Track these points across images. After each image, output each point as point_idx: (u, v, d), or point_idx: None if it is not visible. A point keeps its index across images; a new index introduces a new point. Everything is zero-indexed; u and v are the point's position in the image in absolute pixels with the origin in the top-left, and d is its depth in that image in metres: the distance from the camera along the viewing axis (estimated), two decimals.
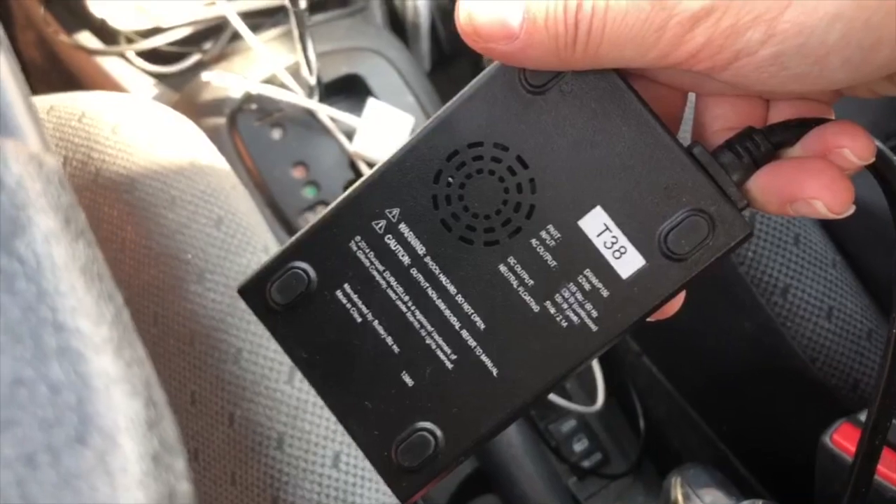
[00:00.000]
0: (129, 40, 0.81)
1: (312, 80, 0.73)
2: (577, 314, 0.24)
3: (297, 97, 0.74)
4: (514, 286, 0.25)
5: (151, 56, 0.81)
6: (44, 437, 0.14)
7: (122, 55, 0.80)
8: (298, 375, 0.50)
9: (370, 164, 0.75)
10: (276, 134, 0.75)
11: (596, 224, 0.24)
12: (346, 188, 0.74)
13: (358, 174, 0.75)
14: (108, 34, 0.80)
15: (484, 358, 0.25)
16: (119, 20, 0.78)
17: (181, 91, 0.80)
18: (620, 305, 0.24)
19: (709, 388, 0.69)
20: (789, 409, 0.58)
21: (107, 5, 0.76)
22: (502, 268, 0.25)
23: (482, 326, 0.25)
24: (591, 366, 0.76)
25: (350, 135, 0.74)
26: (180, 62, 0.82)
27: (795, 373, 0.54)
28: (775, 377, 0.58)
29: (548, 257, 0.25)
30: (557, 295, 0.25)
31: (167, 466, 0.15)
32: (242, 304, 0.51)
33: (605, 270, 0.24)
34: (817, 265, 0.54)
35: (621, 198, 0.24)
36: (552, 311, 0.25)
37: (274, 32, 0.80)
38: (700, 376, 0.70)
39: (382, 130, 0.73)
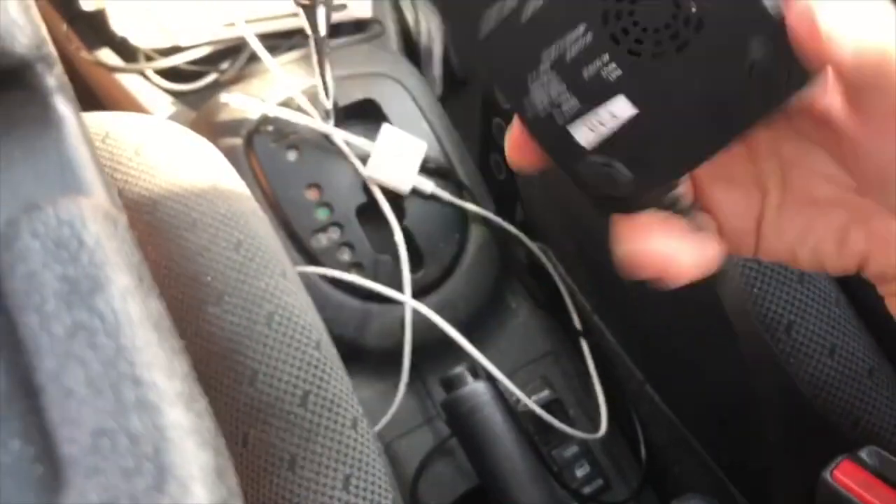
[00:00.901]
0: (149, 58, 0.82)
1: (329, 105, 0.75)
2: None
3: (313, 121, 0.75)
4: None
5: (170, 74, 0.83)
6: (125, 485, 0.15)
7: (141, 73, 0.82)
8: (312, 399, 0.51)
9: (383, 189, 0.76)
10: (292, 156, 0.76)
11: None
12: (358, 211, 0.76)
13: (371, 198, 0.76)
14: (127, 52, 0.82)
15: None
16: (139, 38, 0.79)
17: (198, 110, 0.81)
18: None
19: (710, 417, 0.70)
20: (790, 444, 0.59)
21: (128, 24, 0.77)
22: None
23: None
24: (595, 393, 0.77)
25: (364, 159, 0.75)
26: (198, 81, 0.84)
27: (797, 408, 0.56)
28: (777, 411, 0.59)
29: None
30: None
31: None
32: (259, 327, 0.52)
33: None
34: (821, 303, 0.55)
35: None
36: None
37: (291, 55, 0.82)
38: (702, 406, 0.71)
39: (396, 156, 0.75)
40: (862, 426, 0.54)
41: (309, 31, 0.68)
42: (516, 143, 0.28)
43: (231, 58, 0.83)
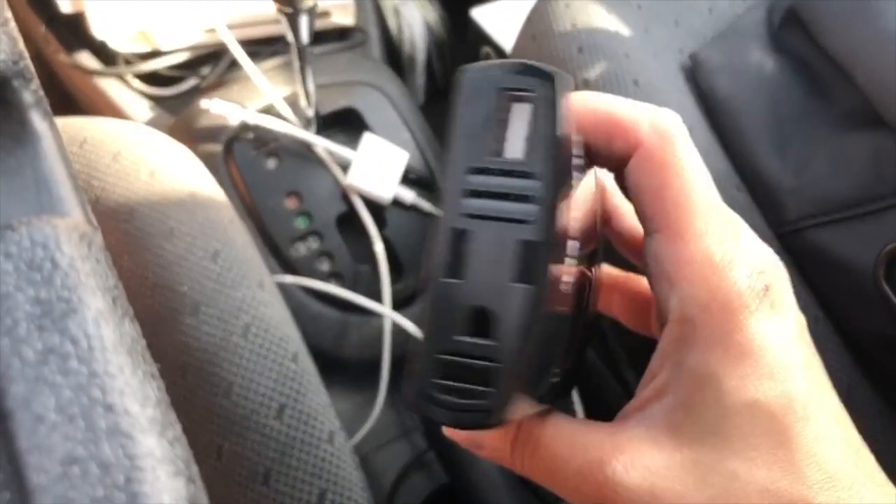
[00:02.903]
0: (128, 62, 0.81)
1: (310, 113, 0.74)
2: None
3: (294, 129, 0.74)
4: None
5: (149, 79, 0.82)
6: None
7: (120, 77, 0.81)
8: (288, 412, 0.51)
9: (364, 198, 0.75)
10: (272, 164, 0.75)
11: None
12: (338, 220, 0.76)
13: (351, 207, 0.76)
14: (107, 55, 0.81)
15: None
16: (119, 42, 0.78)
17: (178, 115, 0.80)
18: None
19: None
20: None
21: (108, 27, 0.77)
22: None
23: None
24: (574, 405, 0.77)
25: (345, 168, 0.75)
26: (177, 86, 0.83)
27: None
28: None
29: None
30: None
31: None
32: (235, 339, 0.52)
33: None
34: None
35: None
36: None
37: (273, 62, 0.81)
38: None
39: (377, 165, 0.74)
40: None
41: (291, 39, 0.68)
42: None
43: (211, 63, 0.83)
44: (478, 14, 0.90)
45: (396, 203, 0.76)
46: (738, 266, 0.25)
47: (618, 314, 0.35)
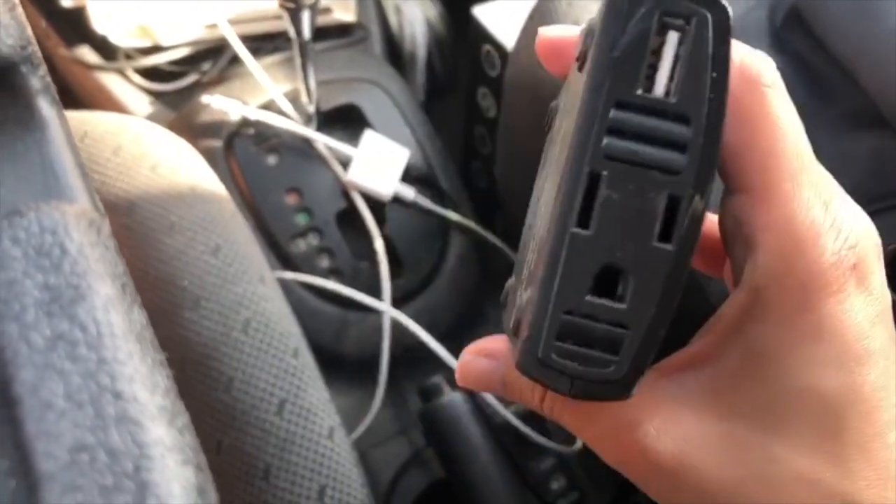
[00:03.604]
0: (129, 57, 0.81)
1: (311, 109, 0.74)
2: None
3: (294, 125, 0.74)
4: None
5: (150, 74, 0.82)
6: (104, 502, 0.15)
7: (120, 72, 0.81)
8: (288, 407, 0.51)
9: (364, 195, 0.75)
10: (272, 159, 0.75)
11: None
12: (338, 217, 0.75)
13: (351, 203, 0.76)
14: (107, 50, 0.80)
15: None
16: (120, 37, 0.78)
17: (178, 110, 0.80)
18: None
19: None
20: None
21: (108, 21, 0.76)
22: None
23: None
24: None
25: (345, 164, 0.75)
26: (178, 81, 0.83)
27: None
28: None
29: None
30: None
31: None
32: (236, 334, 0.52)
33: None
34: None
35: None
36: None
37: (274, 58, 0.81)
38: None
39: (378, 162, 0.74)
40: None
41: (292, 34, 0.67)
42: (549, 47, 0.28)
43: (212, 59, 0.83)
44: (479, 12, 0.90)
45: (397, 200, 0.76)
46: (824, 238, 0.23)
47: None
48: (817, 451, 0.23)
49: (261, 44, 0.82)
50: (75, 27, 0.79)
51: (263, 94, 0.76)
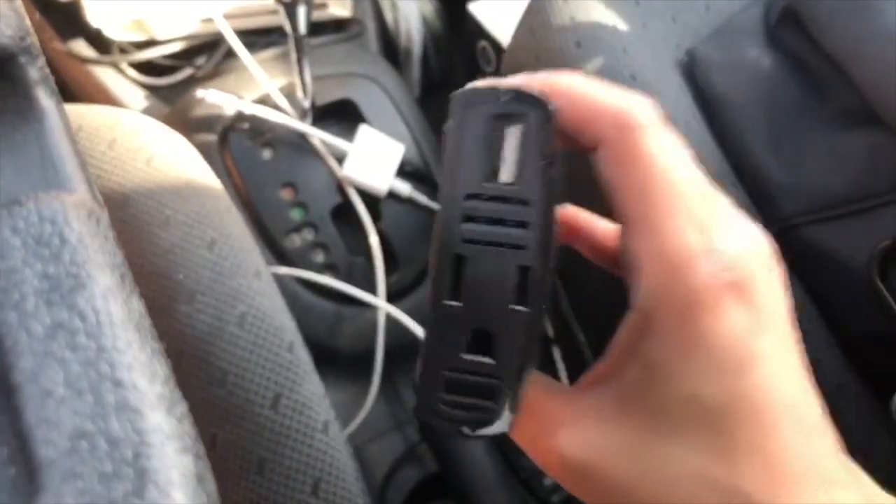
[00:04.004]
0: (123, 51, 0.81)
1: (306, 104, 0.74)
2: None
3: (289, 119, 0.74)
4: None
5: (144, 68, 0.82)
6: (104, 490, 0.15)
7: (115, 66, 0.81)
8: (283, 401, 0.51)
9: (359, 190, 0.75)
10: (267, 154, 0.75)
11: None
12: (333, 212, 0.75)
13: (346, 199, 0.76)
14: (102, 44, 0.80)
15: None
16: (115, 31, 0.78)
17: (173, 105, 0.80)
18: None
19: None
20: None
21: (104, 15, 0.76)
22: None
23: None
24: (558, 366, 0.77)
25: (340, 159, 0.75)
26: (172, 75, 0.83)
27: None
28: None
29: None
30: None
31: None
32: (231, 328, 0.52)
33: None
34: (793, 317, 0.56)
35: None
36: None
37: (269, 53, 0.81)
38: None
39: (373, 157, 0.74)
40: None
41: (288, 29, 0.67)
42: None
43: (207, 53, 0.83)
44: (475, 8, 0.90)
45: (392, 195, 0.76)
46: (697, 261, 0.25)
47: (586, 253, 0.36)
48: (706, 449, 0.25)
49: (256, 38, 0.82)
50: (70, 20, 0.79)
51: (258, 89, 0.76)
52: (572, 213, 0.34)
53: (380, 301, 0.72)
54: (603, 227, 0.34)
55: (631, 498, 0.26)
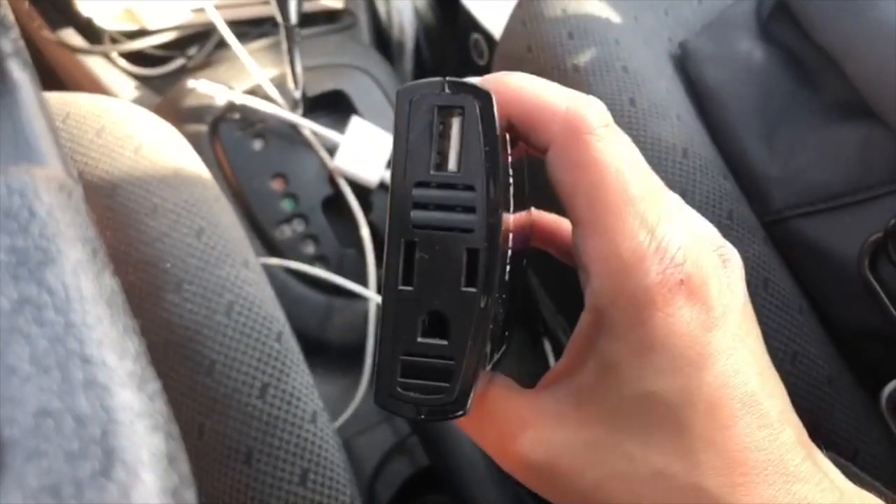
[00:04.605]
0: (114, 40, 0.80)
1: (297, 94, 0.73)
2: None
3: (281, 110, 0.74)
4: None
5: (135, 58, 0.81)
6: (69, 469, 0.14)
7: (105, 55, 0.80)
8: (271, 391, 0.50)
9: (350, 182, 0.75)
10: (258, 145, 0.75)
11: None
12: (324, 203, 0.75)
13: (337, 190, 0.75)
14: (92, 33, 0.80)
15: None
16: (105, 20, 0.77)
17: (163, 95, 0.79)
18: None
19: None
20: None
21: (94, 4, 0.76)
22: None
23: None
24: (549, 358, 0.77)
25: (332, 150, 0.74)
26: (163, 66, 0.82)
27: None
28: None
29: None
30: None
31: (183, 501, 0.15)
32: (219, 317, 0.51)
33: None
34: (785, 310, 0.55)
35: None
36: None
37: (260, 43, 0.81)
38: None
39: (364, 148, 0.74)
40: (820, 432, 0.54)
41: (279, 19, 0.67)
42: None
43: (199, 43, 0.82)
44: (468, 0, 0.89)
45: (383, 187, 0.76)
46: (648, 261, 0.25)
47: (555, 253, 0.36)
48: (666, 447, 0.26)
49: (247, 28, 0.82)
50: (60, 9, 0.78)
51: (250, 79, 0.76)
52: (536, 215, 0.35)
53: (370, 293, 0.72)
54: (567, 228, 0.34)
55: (596, 498, 0.26)
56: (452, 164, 0.25)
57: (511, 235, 0.27)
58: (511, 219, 0.27)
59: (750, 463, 0.25)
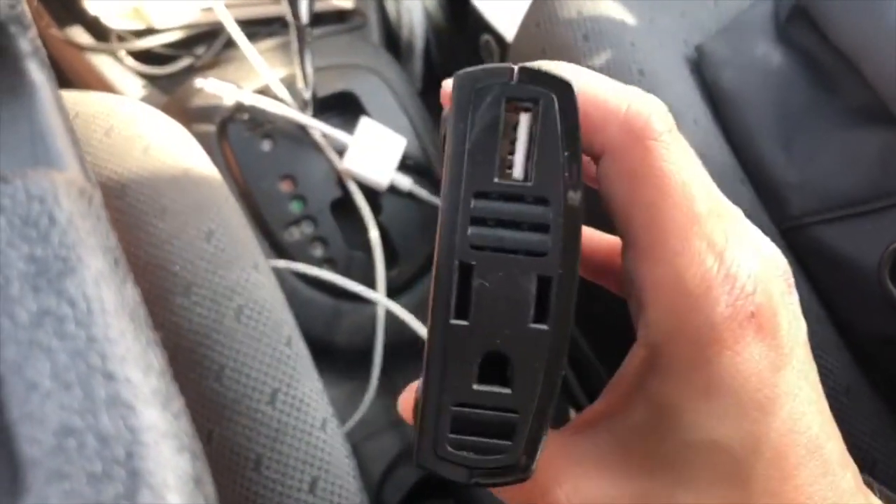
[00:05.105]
0: (122, 39, 0.80)
1: (307, 95, 0.73)
2: None
3: (290, 111, 0.73)
4: None
5: (143, 57, 0.80)
6: (92, 492, 0.13)
7: (113, 54, 0.79)
8: (280, 397, 0.49)
9: (359, 184, 0.74)
10: (266, 146, 0.74)
11: None
12: (332, 205, 0.74)
13: (346, 192, 0.74)
14: (100, 31, 0.79)
15: None
16: (113, 18, 0.77)
17: (171, 94, 0.79)
18: None
19: None
20: None
21: (102, 3, 0.75)
22: None
23: None
24: (566, 400, 0.76)
25: (341, 152, 0.74)
26: (171, 65, 0.81)
27: None
28: None
29: None
30: None
31: None
32: (228, 321, 0.50)
33: None
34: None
35: None
36: None
37: (269, 42, 0.80)
38: None
39: (374, 150, 0.73)
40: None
41: (290, 19, 0.66)
42: None
43: (207, 42, 0.81)
44: (478, 1, 0.88)
45: (392, 189, 0.75)
46: (717, 291, 0.22)
47: (608, 285, 0.31)
48: (724, 499, 0.23)
49: (257, 28, 0.81)
50: (67, 7, 0.77)
51: (259, 79, 0.75)
52: (588, 237, 0.30)
53: (379, 296, 0.71)
54: (598, 241, 0.30)
55: None
56: (519, 170, 0.21)
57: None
58: None
59: None
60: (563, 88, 0.21)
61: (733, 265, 0.23)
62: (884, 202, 0.53)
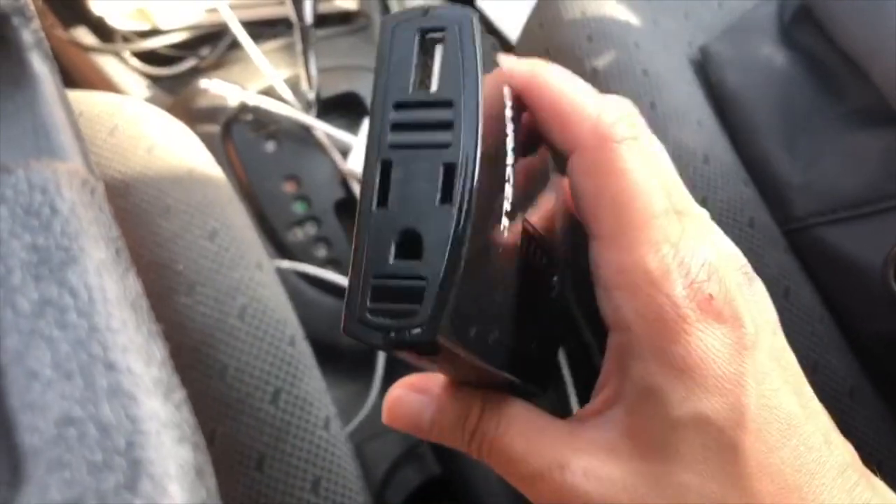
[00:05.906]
0: (126, 39, 0.80)
1: (311, 96, 0.73)
2: None
3: (294, 111, 0.73)
4: None
5: (147, 57, 0.81)
6: (93, 481, 0.13)
7: (117, 54, 0.80)
8: (283, 396, 0.49)
9: None
10: (270, 146, 0.74)
11: None
12: (336, 206, 0.74)
13: (350, 192, 0.74)
14: (104, 32, 0.79)
15: None
16: (117, 19, 0.77)
17: (175, 95, 0.79)
18: None
19: None
20: None
21: (106, 3, 0.75)
22: None
23: None
24: (569, 398, 0.76)
25: (345, 152, 0.74)
26: (175, 65, 0.82)
27: None
28: None
29: None
30: None
31: None
32: (231, 320, 0.50)
33: None
34: (805, 320, 0.55)
35: None
36: None
37: (274, 44, 0.80)
38: None
39: None
40: None
41: (294, 20, 0.66)
42: None
43: (211, 43, 0.81)
44: (483, 4, 0.89)
45: None
46: (674, 275, 0.24)
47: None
48: (721, 473, 0.24)
49: (261, 29, 0.81)
50: (72, 8, 0.78)
51: (263, 80, 0.75)
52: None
53: None
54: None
55: None
56: (434, 85, 0.24)
57: (512, 193, 0.25)
58: (520, 179, 0.26)
59: (804, 487, 0.24)
60: (465, 18, 0.24)
61: (687, 255, 0.25)
62: (888, 203, 0.53)
